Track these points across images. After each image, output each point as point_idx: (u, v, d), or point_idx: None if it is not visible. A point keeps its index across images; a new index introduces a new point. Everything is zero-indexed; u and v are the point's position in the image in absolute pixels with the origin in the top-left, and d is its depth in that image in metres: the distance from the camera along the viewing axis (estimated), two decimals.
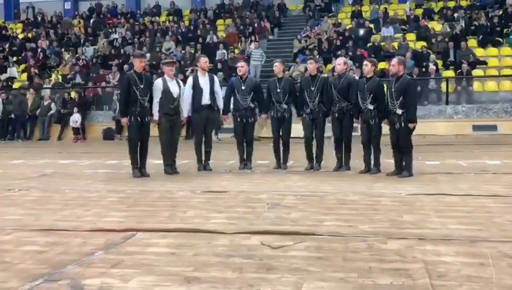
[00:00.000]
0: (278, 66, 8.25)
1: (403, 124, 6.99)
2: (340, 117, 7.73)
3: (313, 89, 7.86)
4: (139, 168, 7.46)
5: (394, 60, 7.28)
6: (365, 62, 7.70)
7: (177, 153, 7.91)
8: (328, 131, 8.07)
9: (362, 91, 7.42)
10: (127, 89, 7.34)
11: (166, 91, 7.62)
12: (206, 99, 8.01)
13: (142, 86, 7.32)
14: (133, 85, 7.29)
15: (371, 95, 7.32)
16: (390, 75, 7.41)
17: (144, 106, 7.39)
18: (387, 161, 7.63)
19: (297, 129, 8.41)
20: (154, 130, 7.73)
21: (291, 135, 8.27)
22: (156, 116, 7.60)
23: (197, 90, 8.00)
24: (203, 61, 8.23)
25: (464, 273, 3.08)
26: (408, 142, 7.11)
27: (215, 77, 8.46)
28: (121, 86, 7.70)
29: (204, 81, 8.05)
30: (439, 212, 4.79)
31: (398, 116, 7.00)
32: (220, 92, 8.34)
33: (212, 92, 8.06)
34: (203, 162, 8.15)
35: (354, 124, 7.75)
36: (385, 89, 7.39)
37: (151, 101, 7.52)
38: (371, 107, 7.33)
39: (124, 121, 7.46)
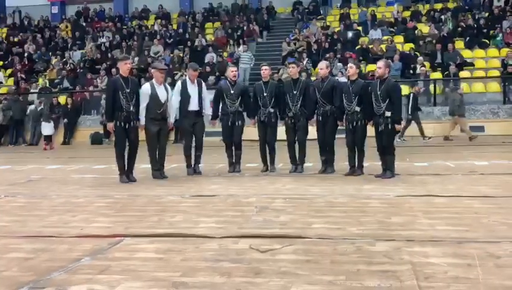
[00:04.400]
0: (267, 70, 8.26)
1: (389, 126, 7.03)
2: (324, 120, 7.76)
3: (295, 92, 7.89)
4: (126, 173, 7.41)
5: (381, 63, 7.32)
6: (349, 65, 7.77)
7: (165, 158, 7.87)
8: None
9: (347, 94, 7.46)
10: (113, 94, 7.27)
11: (154, 96, 7.57)
12: (194, 105, 8.01)
13: (128, 91, 7.25)
14: (119, 90, 7.21)
15: (357, 97, 7.36)
16: (376, 78, 7.46)
17: (130, 111, 7.31)
18: (376, 163, 7.66)
19: (283, 132, 8.43)
20: (142, 135, 7.68)
21: (278, 138, 8.28)
22: (142, 122, 7.55)
23: (185, 96, 8.00)
24: (191, 74, 8.19)
25: (451, 275, 3.09)
26: (391, 144, 7.16)
27: (203, 83, 8.46)
28: (107, 90, 7.63)
29: (192, 87, 8.05)
30: (427, 214, 4.81)
31: (385, 118, 7.04)
32: (208, 98, 8.34)
33: (200, 98, 8.07)
34: (193, 165, 8.14)
35: (339, 127, 7.77)
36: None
37: (137, 105, 7.45)
38: (357, 109, 7.37)
39: (111, 126, 7.38)
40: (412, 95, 13.85)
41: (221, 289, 2.97)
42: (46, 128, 15.76)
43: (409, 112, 13.51)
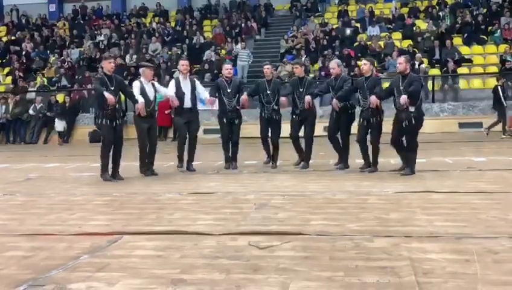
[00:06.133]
0: (269, 70, 8.42)
1: (413, 121, 6.96)
2: (338, 117, 7.79)
3: (301, 90, 8.03)
4: (113, 172, 7.38)
5: (401, 58, 7.28)
6: (364, 61, 7.76)
7: (155, 155, 7.89)
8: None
9: (362, 89, 7.45)
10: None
11: (143, 94, 7.64)
12: (187, 103, 8.07)
13: (112, 88, 7.22)
14: (104, 87, 7.17)
15: (371, 94, 7.31)
16: (398, 73, 7.43)
17: (116, 108, 7.32)
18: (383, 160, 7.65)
19: (286, 130, 8.51)
20: (131, 133, 7.71)
21: (281, 135, 8.36)
22: (141, 99, 7.48)
23: (179, 93, 8.04)
24: (181, 64, 8.34)
25: (449, 270, 3.10)
26: (413, 140, 7.10)
27: (196, 80, 8.57)
28: (97, 84, 7.45)
29: (185, 84, 8.12)
30: (425, 210, 4.82)
31: (407, 114, 6.99)
32: (204, 90, 8.41)
33: (194, 96, 8.14)
34: (186, 162, 8.16)
35: (333, 104, 7.76)
36: (384, 86, 7.48)
37: (131, 99, 7.52)
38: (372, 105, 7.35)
39: (110, 96, 7.03)
40: (499, 88, 13.36)
41: (220, 285, 2.97)
42: (59, 125, 16.38)
43: (499, 106, 13.07)
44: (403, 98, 6.85)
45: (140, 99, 7.51)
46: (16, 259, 3.59)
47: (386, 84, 8.84)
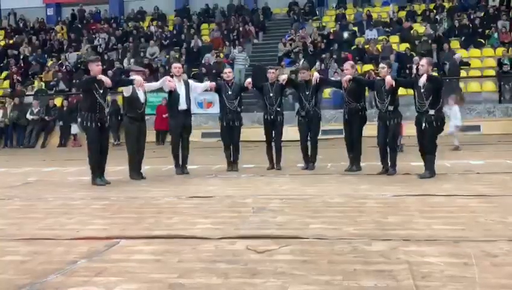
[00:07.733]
0: (274, 73, 8.59)
1: (433, 124, 6.95)
2: (350, 118, 7.85)
3: (307, 93, 8.16)
4: (99, 174, 7.37)
5: (423, 61, 7.27)
6: (381, 65, 7.81)
7: (143, 159, 7.92)
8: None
9: (380, 92, 7.46)
10: (90, 92, 7.17)
11: (134, 96, 7.67)
12: (182, 105, 8.11)
13: (101, 91, 7.19)
14: (93, 90, 7.14)
15: (389, 96, 7.33)
16: (419, 75, 7.44)
17: (104, 111, 7.32)
18: (376, 163, 7.65)
19: (288, 132, 8.59)
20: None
21: (283, 139, 8.45)
22: (135, 76, 7.62)
23: (174, 95, 8.06)
24: (174, 67, 8.48)
25: (447, 274, 3.10)
26: (432, 143, 7.08)
27: (190, 81, 8.67)
28: (85, 78, 7.51)
29: (180, 86, 8.16)
30: (423, 213, 4.82)
31: (427, 116, 6.98)
32: (200, 84, 8.66)
33: (188, 98, 8.20)
34: (181, 165, 8.18)
35: (345, 78, 7.83)
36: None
37: (127, 83, 7.66)
38: (390, 108, 7.35)
39: (99, 76, 7.15)
40: None
41: None
42: (74, 127, 16.56)
43: None
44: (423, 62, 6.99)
45: (135, 76, 7.58)
46: (13, 264, 3.58)
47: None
